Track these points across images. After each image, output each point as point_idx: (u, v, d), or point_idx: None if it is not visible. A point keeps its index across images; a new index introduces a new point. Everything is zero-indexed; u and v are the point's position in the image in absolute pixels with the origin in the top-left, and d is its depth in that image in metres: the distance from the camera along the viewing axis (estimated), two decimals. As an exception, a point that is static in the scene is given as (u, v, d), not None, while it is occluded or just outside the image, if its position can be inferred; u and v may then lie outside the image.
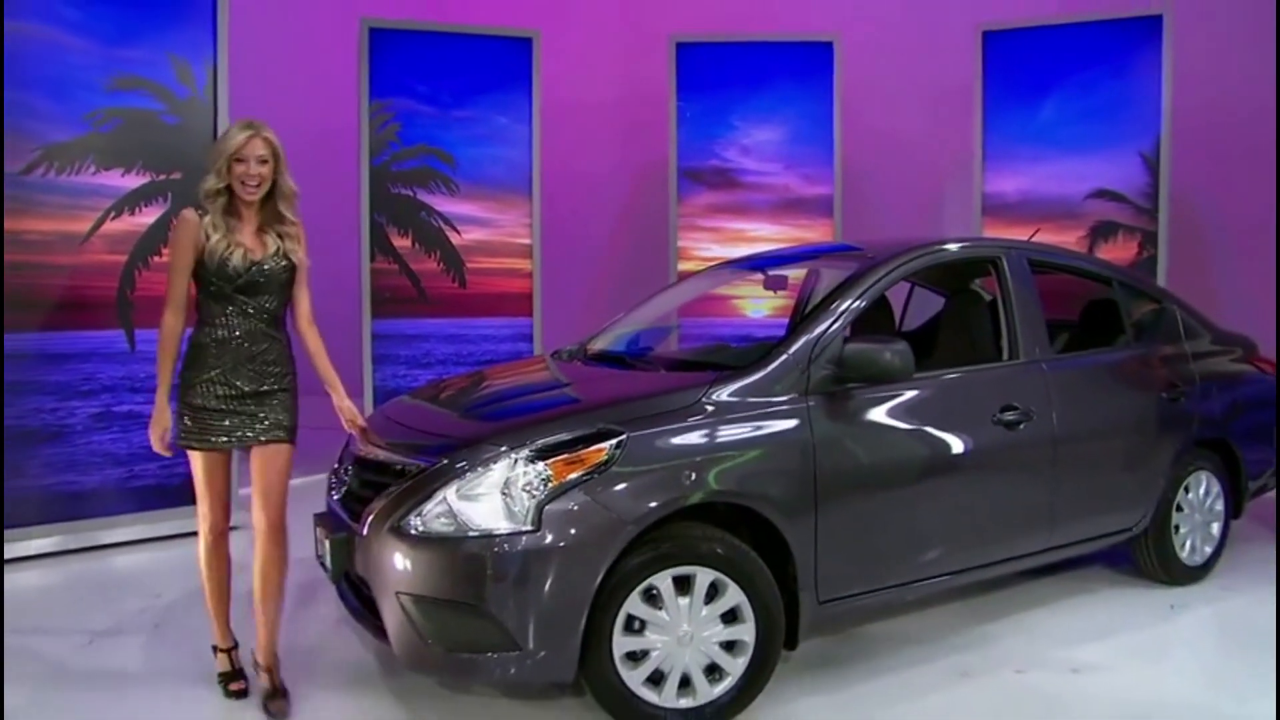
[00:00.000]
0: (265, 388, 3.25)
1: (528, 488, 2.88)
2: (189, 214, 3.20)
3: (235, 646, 3.45)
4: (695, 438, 3.05)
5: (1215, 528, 4.60)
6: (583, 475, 2.89)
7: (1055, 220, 6.58)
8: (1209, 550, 4.57)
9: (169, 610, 4.21)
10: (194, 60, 5.19)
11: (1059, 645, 3.80)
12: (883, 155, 7.67)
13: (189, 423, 3.23)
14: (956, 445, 3.60)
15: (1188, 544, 4.47)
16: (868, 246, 4.07)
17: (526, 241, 6.72)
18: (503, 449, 2.96)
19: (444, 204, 6.58)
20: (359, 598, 3.33)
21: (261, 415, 3.25)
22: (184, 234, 3.17)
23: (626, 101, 7.90)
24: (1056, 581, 4.48)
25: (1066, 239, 6.52)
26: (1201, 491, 4.51)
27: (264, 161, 3.17)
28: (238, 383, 3.21)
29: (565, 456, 2.91)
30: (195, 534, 5.01)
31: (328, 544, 3.30)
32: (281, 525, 3.31)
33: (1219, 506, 4.60)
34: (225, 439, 3.23)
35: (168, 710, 3.30)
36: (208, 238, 3.15)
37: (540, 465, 2.90)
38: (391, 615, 2.99)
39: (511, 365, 4.52)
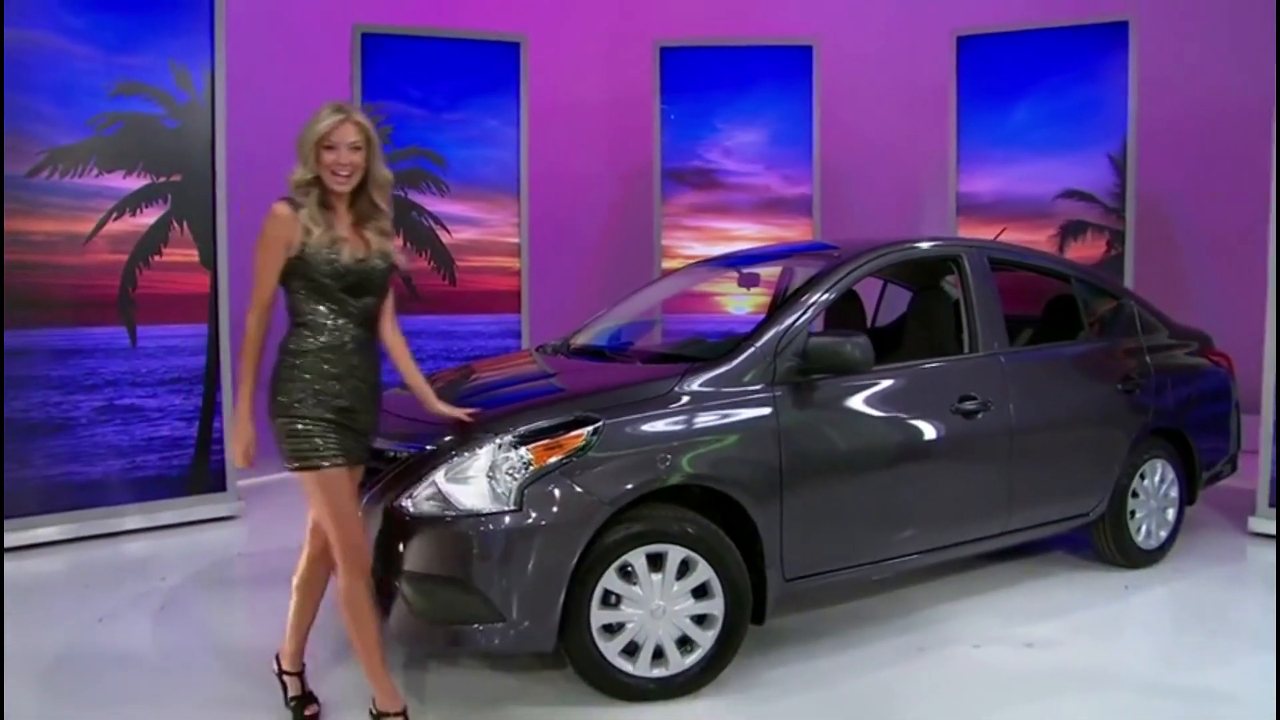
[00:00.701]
0: (368, 399, 2.98)
1: (511, 471, 3.09)
2: (282, 208, 2.87)
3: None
4: (666, 425, 3.26)
5: (1170, 513, 4.82)
6: (562, 459, 3.10)
7: (1027, 220, 6.80)
8: (1164, 535, 4.79)
9: (174, 593, 4.40)
10: (193, 66, 5.38)
11: (1015, 623, 4.02)
12: (861, 156, 7.88)
13: (304, 440, 2.85)
14: (916, 433, 3.82)
15: (1143, 529, 4.69)
16: (841, 245, 4.29)
17: (515, 240, 6.92)
18: (488, 435, 3.17)
19: (435, 204, 6.78)
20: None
21: (365, 428, 2.98)
22: (278, 229, 2.85)
23: (612, 104, 8.10)
24: (1017, 564, 4.70)
25: (1038, 238, 6.74)
26: (1157, 479, 4.73)
27: (356, 148, 2.87)
28: (347, 392, 2.90)
29: (545, 442, 3.12)
30: (197, 522, 5.38)
31: (324, 526, 3.50)
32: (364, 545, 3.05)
33: (1174, 493, 4.82)
34: (347, 458, 2.91)
35: (177, 683, 3.49)
36: (308, 233, 2.84)
37: (522, 450, 3.11)
38: (383, 592, 3.20)
39: (499, 359, 4.73)
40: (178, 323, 5.46)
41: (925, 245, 4.29)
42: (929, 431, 3.85)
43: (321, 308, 2.90)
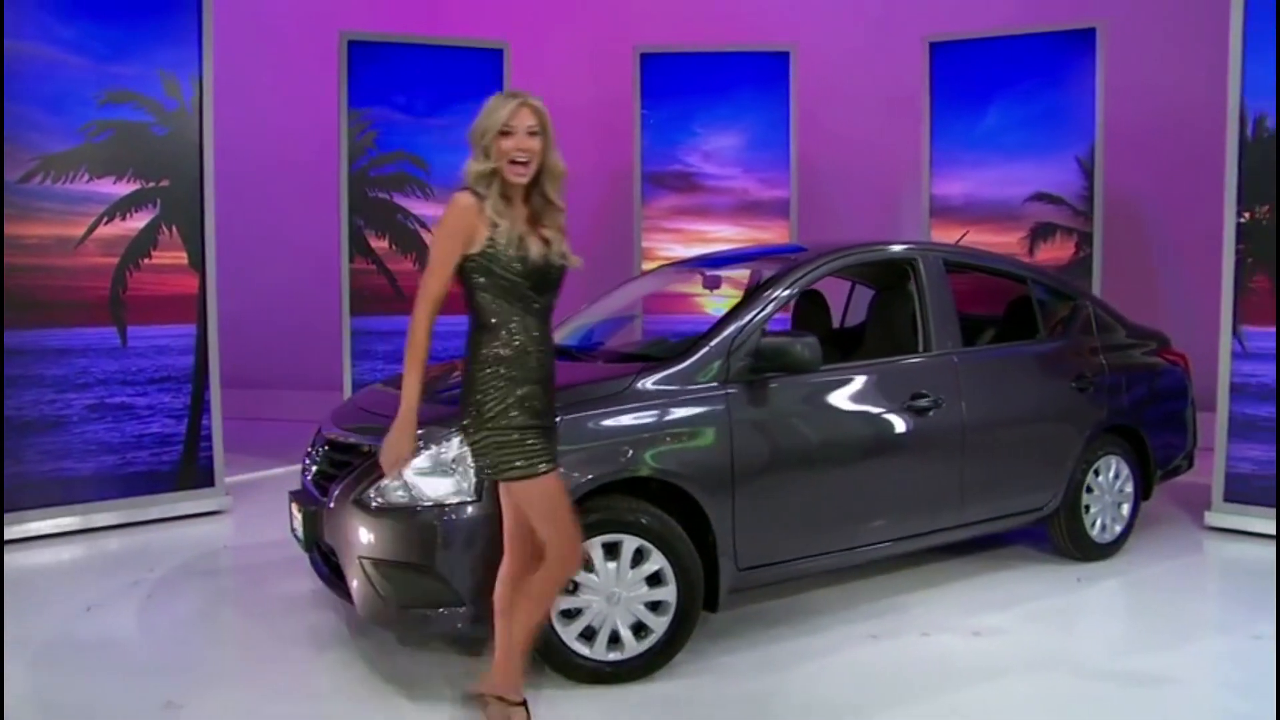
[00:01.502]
0: (553, 400, 2.89)
1: (472, 464, 3.25)
2: (466, 198, 2.72)
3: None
4: (620, 421, 3.43)
5: (1125, 508, 4.96)
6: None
7: (998, 222, 6.96)
8: (1119, 529, 4.94)
9: (160, 583, 4.57)
10: (181, 75, 5.55)
11: (966, 613, 4.17)
12: (837, 160, 8.04)
13: (515, 451, 2.75)
14: (867, 429, 3.99)
15: (1098, 523, 4.83)
16: (811, 247, 4.45)
17: (498, 243, 7.07)
18: (452, 430, 3.34)
19: (419, 207, 6.96)
20: (329, 565, 3.71)
21: (555, 431, 2.89)
22: (462, 219, 2.72)
23: (593, 109, 8.26)
24: (976, 557, 4.85)
25: (1008, 240, 6.91)
26: (1111, 475, 4.87)
27: (533, 133, 2.72)
28: (543, 395, 2.80)
29: (505, 437, 3.28)
30: (186, 517, 5.56)
31: (299, 517, 3.70)
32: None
33: (1129, 489, 4.96)
34: (546, 464, 2.80)
35: (160, 666, 3.65)
36: (494, 226, 2.70)
37: (483, 444, 3.27)
38: (354, 577, 3.38)
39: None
40: (167, 323, 5.63)
41: (880, 249, 4.46)
42: (880, 428, 4.02)
43: (512, 308, 2.76)
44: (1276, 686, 3.39)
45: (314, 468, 3.88)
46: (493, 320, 2.77)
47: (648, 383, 3.55)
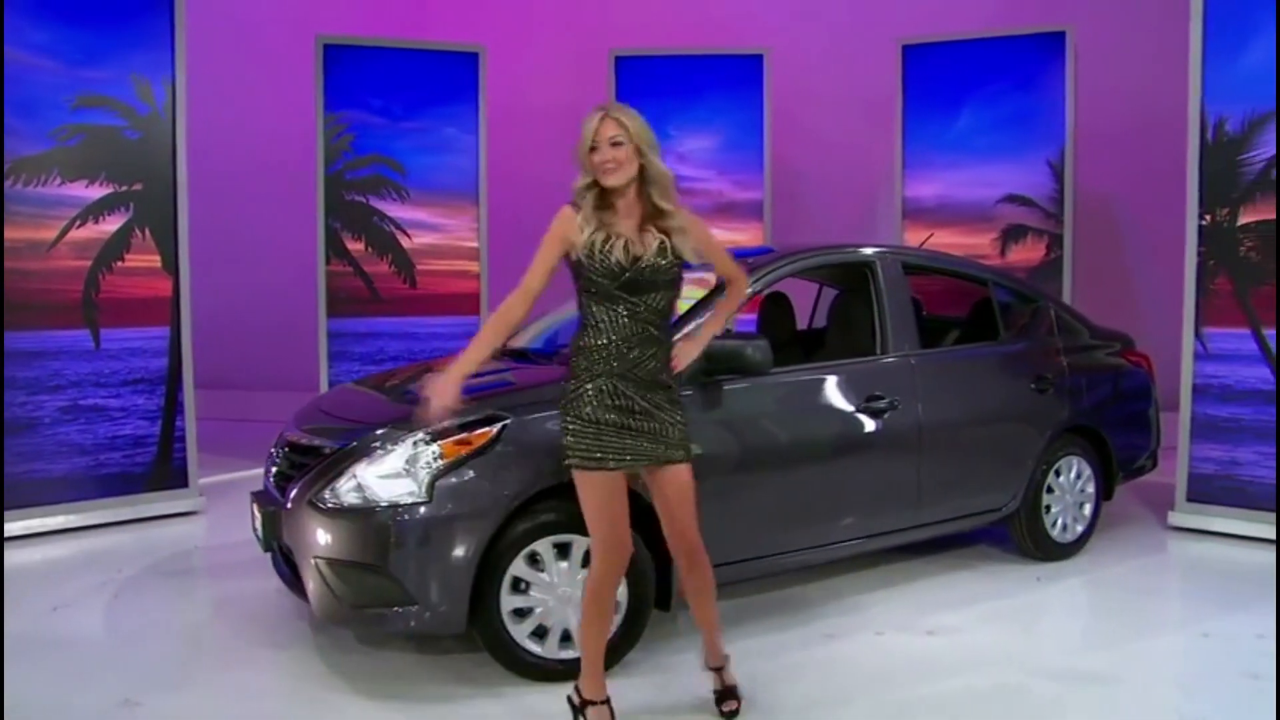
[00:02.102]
0: (658, 399, 2.97)
1: (424, 465, 3.31)
2: (565, 209, 2.98)
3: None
4: (571, 423, 3.48)
5: (1087, 508, 5.02)
6: (470, 454, 3.33)
7: (970, 223, 7.02)
8: (1080, 529, 4.99)
9: (128, 583, 4.61)
10: (153, 79, 5.59)
11: (922, 612, 4.22)
12: (811, 162, 8.09)
13: (574, 440, 2.93)
14: (821, 431, 4.04)
15: (1059, 523, 4.89)
16: (778, 249, 4.49)
17: (474, 245, 7.14)
18: (404, 432, 3.39)
19: (395, 210, 7.00)
20: (289, 566, 3.76)
21: (656, 431, 2.96)
22: (557, 225, 2.96)
23: (569, 112, 8.23)
24: (937, 558, 4.90)
25: (980, 241, 6.96)
26: (1072, 475, 4.93)
27: (616, 144, 2.87)
28: (628, 392, 2.93)
29: (456, 438, 3.35)
30: (159, 518, 5.60)
31: (259, 517, 3.74)
32: (697, 546, 3.09)
33: (1090, 489, 5.02)
34: (616, 461, 2.92)
35: (120, 664, 3.69)
36: (581, 233, 2.93)
37: (434, 446, 3.33)
38: (309, 577, 3.43)
39: (441, 360, 4.93)
40: (141, 326, 5.67)
41: (837, 251, 4.51)
42: (835, 429, 4.07)
43: (601, 307, 2.94)
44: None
45: (274, 469, 3.92)
46: (586, 317, 2.99)
47: (600, 385, 3.59)
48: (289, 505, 3.55)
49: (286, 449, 3.87)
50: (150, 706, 3.34)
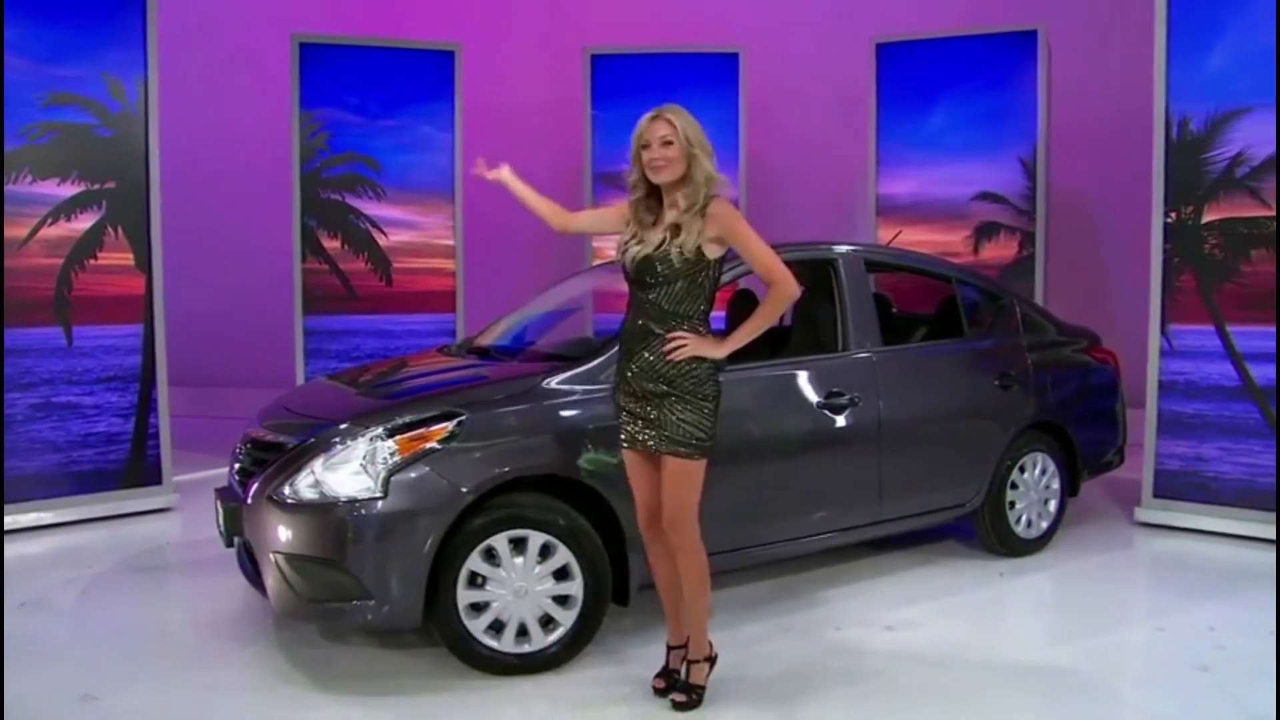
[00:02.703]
0: (658, 389, 3.08)
1: (381, 461, 3.34)
2: (624, 202, 3.23)
3: (679, 646, 3.38)
4: (525, 419, 3.52)
5: (1052, 505, 5.05)
6: (426, 450, 3.36)
7: (943, 221, 7.05)
8: (1045, 525, 5.03)
9: (97, 580, 4.64)
10: (125, 77, 5.60)
11: (883, 608, 4.24)
12: (787, 160, 8.12)
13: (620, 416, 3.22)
14: (780, 427, 4.07)
15: (1023, 519, 4.92)
16: None
17: (449, 242, 7.16)
18: (360, 429, 3.42)
19: (371, 208, 7.02)
20: (252, 561, 3.78)
21: (656, 419, 3.10)
22: (614, 206, 3.33)
23: (544, 110, 8.34)
24: (903, 553, 4.94)
25: (953, 239, 7.00)
26: (1037, 471, 4.96)
27: (667, 143, 3.02)
28: (632, 380, 3.12)
29: (411, 434, 3.38)
30: (133, 514, 5.61)
31: (221, 513, 3.77)
32: (675, 534, 3.15)
33: (1055, 485, 5.06)
34: (627, 441, 3.20)
35: (81, 659, 3.72)
36: (627, 225, 3.18)
37: (390, 442, 3.37)
38: (269, 572, 3.46)
39: (407, 357, 4.96)
40: (114, 323, 5.69)
41: (799, 249, 4.53)
42: (794, 426, 4.10)
43: (632, 296, 3.18)
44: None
45: (237, 465, 3.95)
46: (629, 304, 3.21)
47: (553, 382, 3.63)
48: (249, 501, 3.58)
49: (249, 445, 3.90)
50: (108, 701, 3.37)
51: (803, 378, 4.20)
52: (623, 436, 3.22)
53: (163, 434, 5.80)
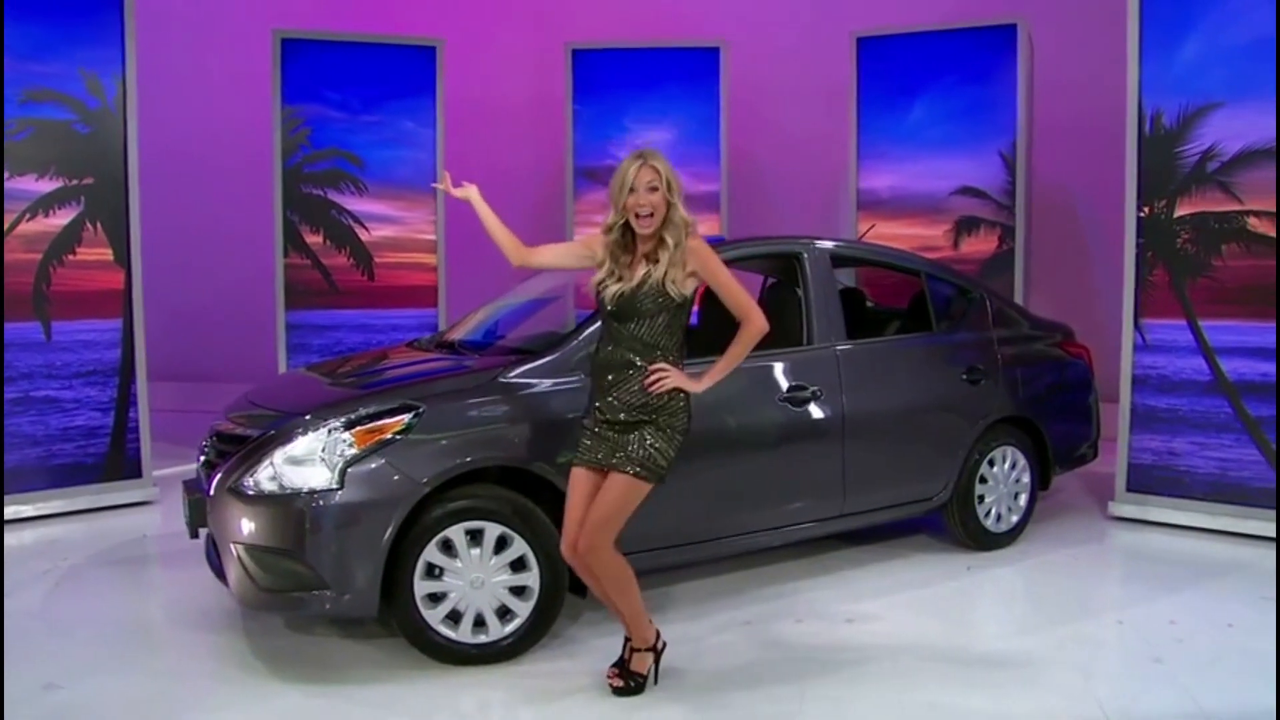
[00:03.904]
0: (631, 418, 3.17)
1: (338, 453, 3.38)
2: (599, 236, 3.28)
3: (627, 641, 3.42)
4: (484, 412, 3.55)
5: (1022, 499, 5.07)
6: (382, 442, 3.39)
7: (923, 215, 7.06)
8: (1015, 519, 5.04)
9: (71, 571, 4.69)
10: (103, 74, 5.64)
11: (846, 600, 4.26)
12: (768, 154, 8.14)
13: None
14: (742, 420, 4.09)
15: (993, 512, 4.94)
16: (729, 242, 4.55)
17: (431, 238, 7.20)
18: (319, 421, 3.46)
19: (353, 203, 7.06)
20: (216, 553, 3.82)
21: (622, 441, 3.17)
22: (588, 238, 3.38)
23: (526, 105, 8.37)
24: (872, 546, 4.97)
25: (934, 233, 7.01)
26: (1007, 465, 4.98)
27: (653, 189, 3.12)
28: (606, 408, 3.19)
29: (368, 426, 3.42)
30: (113, 508, 5.66)
31: (186, 504, 3.82)
32: (588, 549, 3.19)
33: (1026, 479, 5.07)
34: (582, 455, 3.24)
35: (56, 649, 3.76)
36: (601, 265, 3.24)
37: (347, 434, 3.40)
38: (229, 563, 3.50)
39: (377, 351, 4.99)
40: (93, 318, 5.73)
41: (765, 243, 4.56)
42: (756, 419, 4.12)
43: (605, 327, 3.27)
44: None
45: (203, 458, 3.99)
46: (602, 333, 3.31)
47: (512, 376, 3.66)
48: (211, 492, 3.61)
49: (215, 438, 3.94)
50: (71, 690, 3.41)
51: (768, 371, 4.23)
52: (580, 450, 3.25)
53: (143, 428, 5.85)
